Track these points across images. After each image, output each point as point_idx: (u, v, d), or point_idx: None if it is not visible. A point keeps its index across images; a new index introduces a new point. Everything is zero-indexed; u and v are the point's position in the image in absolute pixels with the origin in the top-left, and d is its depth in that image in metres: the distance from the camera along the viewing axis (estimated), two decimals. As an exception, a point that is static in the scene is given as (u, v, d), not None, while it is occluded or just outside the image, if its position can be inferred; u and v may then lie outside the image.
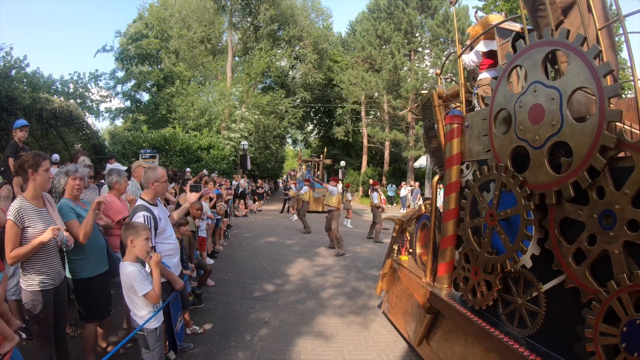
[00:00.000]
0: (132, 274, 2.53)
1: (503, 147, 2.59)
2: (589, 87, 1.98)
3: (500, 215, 2.58)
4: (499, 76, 2.66)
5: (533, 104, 2.33)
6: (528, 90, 2.38)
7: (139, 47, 27.51)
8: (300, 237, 10.92)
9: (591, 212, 1.97)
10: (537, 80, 2.31)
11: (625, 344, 1.71)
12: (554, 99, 2.18)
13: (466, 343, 2.98)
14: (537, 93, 2.32)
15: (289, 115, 27.65)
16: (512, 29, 3.61)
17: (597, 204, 1.95)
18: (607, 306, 1.82)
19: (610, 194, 1.87)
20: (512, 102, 2.49)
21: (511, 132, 2.50)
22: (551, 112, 2.19)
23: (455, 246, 3.27)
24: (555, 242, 2.19)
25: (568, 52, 2.12)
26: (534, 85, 2.34)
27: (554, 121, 2.16)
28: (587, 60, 2.02)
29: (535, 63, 2.33)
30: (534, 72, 2.36)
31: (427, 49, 28.14)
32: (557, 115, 2.14)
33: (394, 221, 5.22)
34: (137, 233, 2.60)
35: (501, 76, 2.63)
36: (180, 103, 22.39)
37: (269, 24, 26.76)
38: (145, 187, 3.19)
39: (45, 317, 2.57)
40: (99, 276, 3.09)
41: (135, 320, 2.64)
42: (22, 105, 10.34)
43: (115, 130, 30.38)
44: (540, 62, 2.29)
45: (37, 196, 2.62)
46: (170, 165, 15.12)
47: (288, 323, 4.53)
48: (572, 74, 2.09)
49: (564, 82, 2.14)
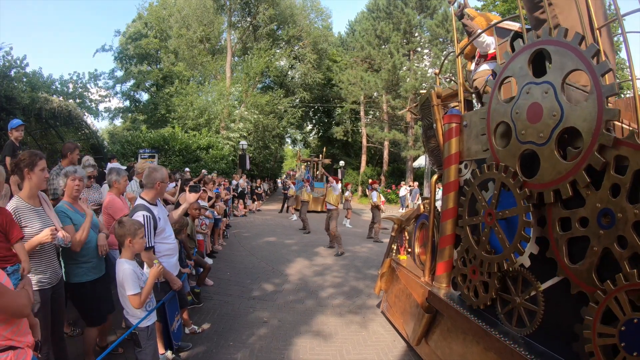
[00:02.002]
0: (126, 272, 2.53)
1: (509, 157, 2.53)
2: (583, 135, 1.98)
3: (499, 215, 2.58)
4: (491, 90, 2.70)
5: (529, 104, 2.33)
6: (521, 94, 2.40)
7: (138, 46, 27.47)
8: (300, 236, 10.91)
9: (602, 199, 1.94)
10: (528, 81, 2.34)
11: (624, 343, 1.71)
12: (547, 92, 2.20)
13: (465, 342, 2.99)
14: (530, 93, 2.34)
15: (288, 115, 27.65)
16: (510, 29, 3.62)
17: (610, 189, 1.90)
18: (605, 307, 1.82)
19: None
20: (509, 113, 2.50)
21: (513, 140, 2.47)
22: (548, 105, 2.20)
23: (454, 245, 3.27)
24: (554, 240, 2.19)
25: (549, 47, 2.18)
26: (526, 87, 2.36)
27: (553, 112, 2.16)
28: (569, 45, 2.09)
29: (522, 67, 2.37)
30: (522, 76, 2.39)
31: (426, 48, 28.16)
32: (555, 106, 2.16)
33: (392, 221, 5.22)
34: (134, 233, 2.60)
35: (492, 90, 2.68)
36: (180, 103, 22.37)
37: (268, 24, 26.73)
38: (148, 187, 3.18)
39: (43, 317, 2.56)
40: (95, 281, 3.05)
41: (128, 319, 2.64)
42: (21, 105, 10.32)
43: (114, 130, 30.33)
44: (526, 64, 2.33)
45: (33, 195, 2.61)
46: (169, 165, 15.12)
47: (287, 322, 4.53)
48: (557, 64, 2.15)
49: (552, 73, 2.18)
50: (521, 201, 2.35)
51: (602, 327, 1.82)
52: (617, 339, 1.74)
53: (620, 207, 1.81)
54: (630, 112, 2.61)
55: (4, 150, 4.90)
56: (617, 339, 1.74)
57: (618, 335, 1.74)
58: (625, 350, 1.69)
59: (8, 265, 2.03)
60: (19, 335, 1.63)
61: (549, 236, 2.24)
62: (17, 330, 1.63)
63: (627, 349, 1.68)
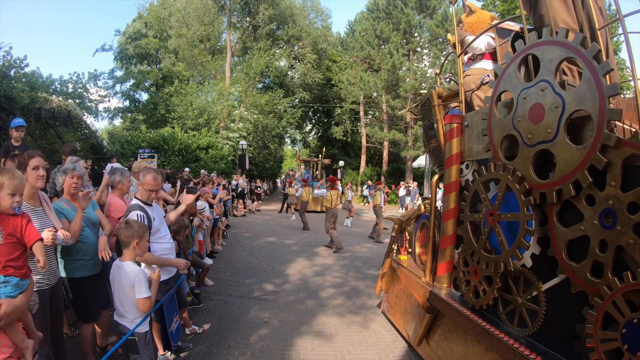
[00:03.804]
0: (140, 275, 2.50)
1: (498, 131, 2.60)
2: (591, 112, 1.97)
3: (500, 217, 2.57)
4: (511, 58, 2.56)
5: (530, 107, 2.32)
6: (519, 102, 2.39)
7: (138, 46, 27.40)
8: (299, 236, 10.91)
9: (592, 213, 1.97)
10: (547, 79, 2.23)
11: (627, 345, 1.71)
12: (544, 89, 2.20)
13: (466, 342, 2.98)
14: (527, 98, 2.32)
15: (287, 115, 27.66)
16: (511, 29, 3.61)
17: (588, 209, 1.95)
18: (604, 312, 1.82)
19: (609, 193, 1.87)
20: (518, 91, 2.46)
21: (522, 147, 2.41)
22: (548, 100, 2.19)
23: (455, 246, 3.27)
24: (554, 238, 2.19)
25: (535, 50, 2.20)
26: (522, 93, 2.34)
27: (555, 104, 2.15)
28: (555, 41, 2.16)
29: (551, 63, 2.23)
30: (516, 86, 2.37)
31: (425, 49, 28.20)
32: (555, 98, 2.15)
33: (393, 221, 5.22)
34: (141, 236, 2.59)
35: (513, 59, 2.54)
36: (179, 103, 22.36)
37: (268, 24, 26.75)
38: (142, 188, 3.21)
39: (42, 317, 2.55)
40: (89, 278, 3.07)
41: (123, 325, 2.56)
42: (20, 105, 10.29)
43: (113, 130, 30.26)
44: (556, 64, 2.20)
45: (32, 196, 2.59)
46: (168, 165, 15.10)
47: (287, 323, 4.52)
48: (546, 60, 2.16)
49: (543, 70, 2.16)
50: (524, 208, 2.33)
51: (604, 333, 1.82)
52: (620, 342, 1.74)
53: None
54: (631, 112, 2.61)
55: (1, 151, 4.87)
56: (619, 342, 1.74)
57: (620, 338, 1.74)
58: (629, 352, 1.69)
59: (19, 277, 1.99)
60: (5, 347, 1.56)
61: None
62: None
63: (631, 351, 1.68)
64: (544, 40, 2.27)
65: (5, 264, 1.95)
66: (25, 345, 1.88)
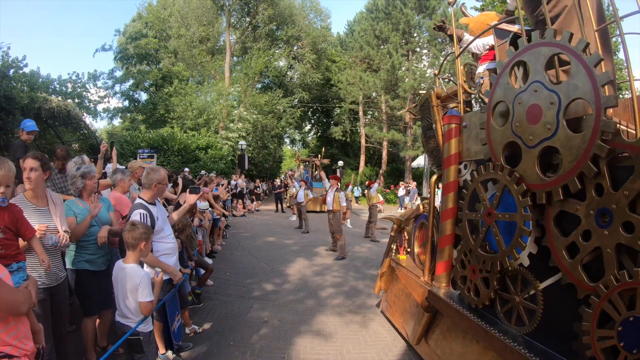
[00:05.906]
0: (144, 278, 2.54)
1: (498, 141, 2.60)
2: (587, 99, 2.00)
3: (498, 217, 2.59)
4: (502, 69, 2.63)
5: (532, 103, 2.34)
6: (528, 88, 2.39)
7: (138, 46, 27.42)
8: (299, 236, 10.92)
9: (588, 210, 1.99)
10: (539, 80, 2.29)
11: (622, 343, 1.73)
12: (552, 103, 2.19)
13: (464, 341, 3.00)
14: (537, 93, 2.33)
15: (286, 115, 27.69)
16: (510, 30, 3.63)
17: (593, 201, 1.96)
18: (600, 310, 1.85)
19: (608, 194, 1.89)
20: (512, 98, 2.50)
21: (507, 126, 2.51)
22: (548, 115, 2.20)
23: (453, 245, 3.29)
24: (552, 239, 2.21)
25: (572, 58, 2.10)
26: (535, 84, 2.35)
27: (551, 100, 2.18)
28: (541, 43, 2.22)
29: (539, 62, 2.29)
30: (536, 71, 2.35)
31: (425, 49, 28.24)
32: (550, 95, 2.18)
33: (392, 220, 5.24)
34: (147, 238, 2.61)
35: (503, 69, 2.60)
36: (179, 103, 22.37)
37: (267, 24, 26.78)
38: (146, 187, 3.21)
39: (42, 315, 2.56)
40: (93, 273, 3.16)
41: (127, 325, 2.56)
42: (20, 105, 10.28)
43: (113, 129, 30.26)
44: (544, 63, 2.26)
45: (37, 195, 2.61)
46: (167, 165, 15.10)
47: (287, 322, 4.54)
48: (573, 83, 2.09)
49: (565, 88, 2.13)
50: (522, 209, 2.35)
51: (601, 331, 1.84)
52: (616, 340, 1.76)
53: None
54: (628, 113, 2.63)
55: (16, 152, 4.79)
56: (615, 339, 1.76)
57: (616, 336, 1.76)
58: (625, 350, 1.71)
59: (14, 262, 2.03)
60: (15, 339, 1.54)
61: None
62: (17, 334, 1.56)
63: (627, 348, 1.70)
64: (533, 44, 2.34)
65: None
66: (39, 327, 1.91)
